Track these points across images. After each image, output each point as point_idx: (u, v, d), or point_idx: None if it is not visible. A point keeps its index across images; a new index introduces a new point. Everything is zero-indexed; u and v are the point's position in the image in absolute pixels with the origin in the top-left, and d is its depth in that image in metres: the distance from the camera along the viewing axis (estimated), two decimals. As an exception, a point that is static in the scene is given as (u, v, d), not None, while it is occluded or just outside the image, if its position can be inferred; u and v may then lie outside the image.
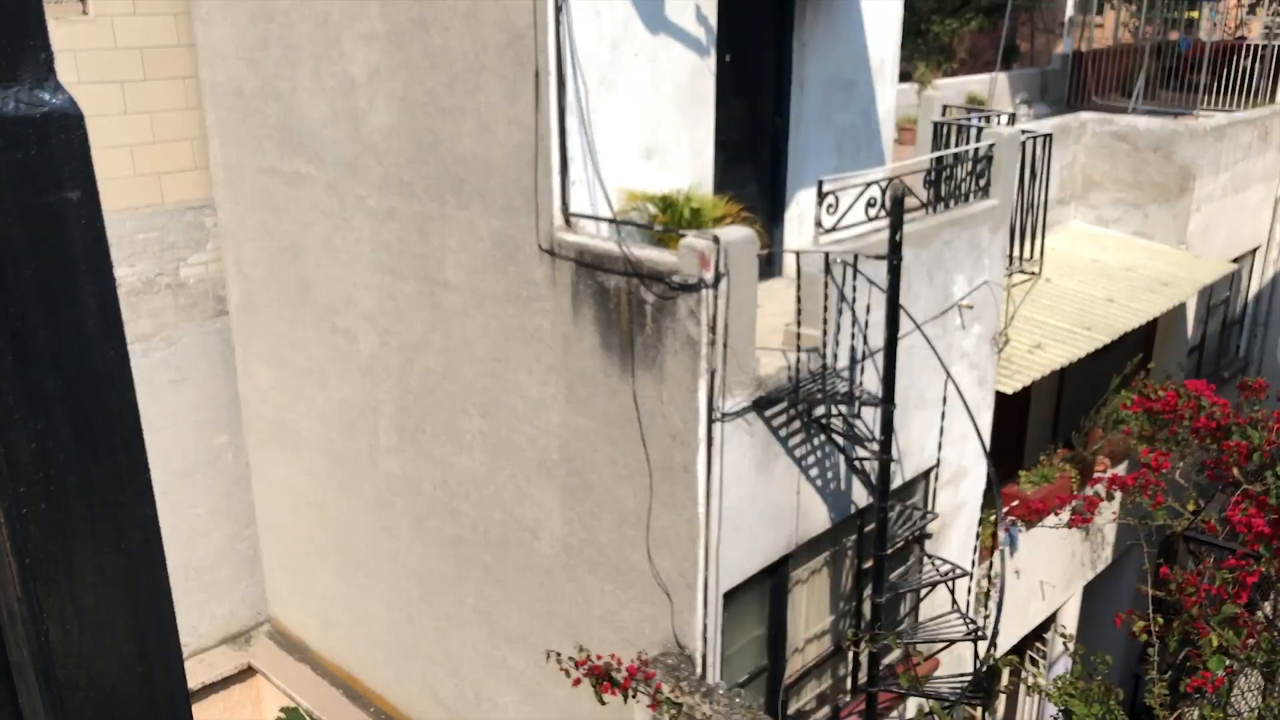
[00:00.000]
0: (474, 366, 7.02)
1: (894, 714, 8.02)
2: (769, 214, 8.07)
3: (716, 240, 5.61)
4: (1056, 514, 8.55)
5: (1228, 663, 5.35)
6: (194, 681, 8.93)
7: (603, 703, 5.96)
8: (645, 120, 6.68)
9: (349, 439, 8.27)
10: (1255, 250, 13.77)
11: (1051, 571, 10.47)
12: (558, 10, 6.00)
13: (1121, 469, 10.68)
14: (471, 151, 6.60)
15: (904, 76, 16.48)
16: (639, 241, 6.24)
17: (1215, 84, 15.47)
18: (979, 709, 7.24)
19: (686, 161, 7.04)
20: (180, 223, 8.62)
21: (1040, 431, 11.81)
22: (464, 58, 6.47)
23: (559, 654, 6.16)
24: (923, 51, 21.33)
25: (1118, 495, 7.73)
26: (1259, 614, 5.91)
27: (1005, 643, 10.09)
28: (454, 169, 6.74)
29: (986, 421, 8.59)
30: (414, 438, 7.67)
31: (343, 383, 8.13)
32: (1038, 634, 11.31)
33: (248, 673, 9.40)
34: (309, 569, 9.23)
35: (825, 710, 7.69)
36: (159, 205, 8.46)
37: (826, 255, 6.17)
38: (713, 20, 6.97)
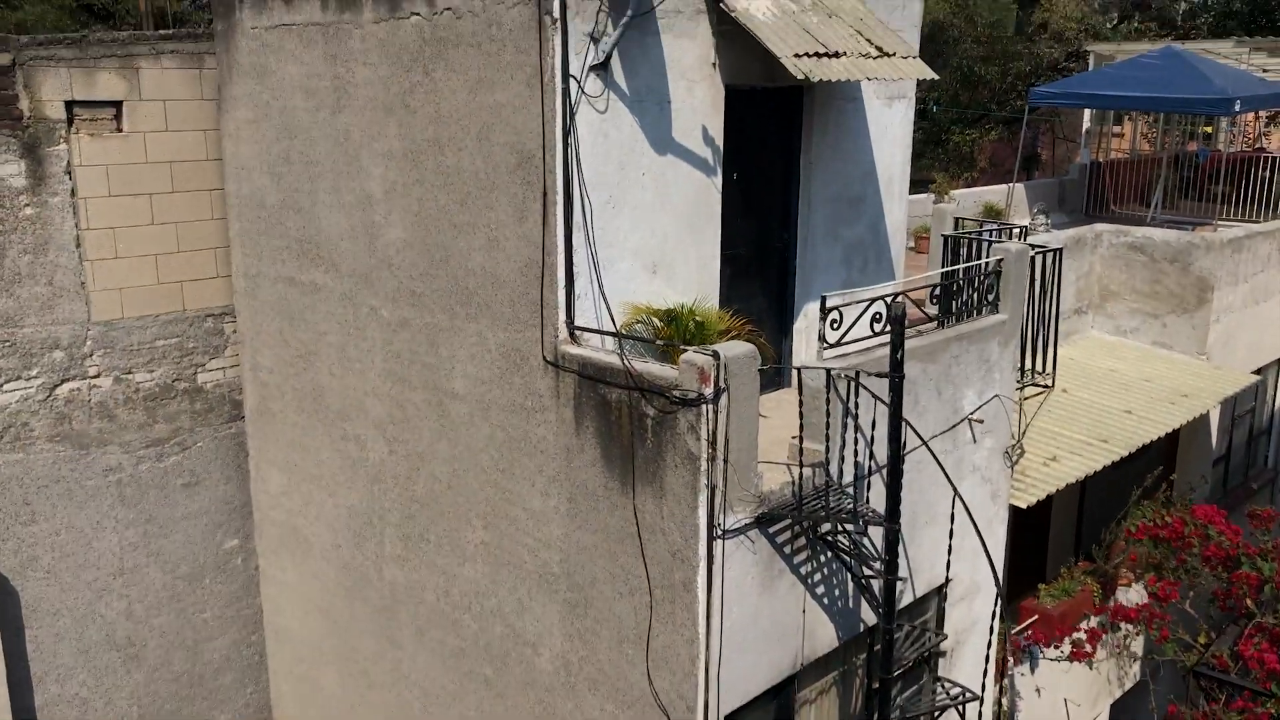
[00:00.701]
0: (478, 476, 7.04)
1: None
2: (777, 326, 8.12)
3: (717, 356, 5.65)
4: (1058, 646, 8.31)
5: (1242, 804, 5.13)
6: (192, 792, 8.79)
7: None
8: (651, 236, 6.80)
9: (356, 546, 8.27)
10: (1279, 361, 13.63)
11: (1076, 689, 10.15)
12: (566, 133, 6.18)
13: (1144, 584, 10.43)
14: (481, 266, 6.73)
15: (924, 184, 16.74)
16: (643, 355, 6.29)
17: (1234, 195, 15.52)
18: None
19: (693, 275, 7.13)
20: (200, 329, 8.81)
21: (1062, 543, 11.58)
22: (476, 177, 6.66)
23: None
24: (943, 160, 21.66)
25: (1125, 626, 7.52)
26: (1270, 754, 5.69)
27: (1028, 766, 9.75)
28: (464, 282, 6.88)
29: (1001, 536, 8.46)
30: (419, 547, 7.66)
31: (351, 490, 8.17)
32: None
33: (248, 784, 9.24)
34: (314, 676, 9.13)
35: (835, 838, 7.42)
36: (180, 312, 8.66)
37: (829, 371, 6.18)
38: (719, 140, 7.14)
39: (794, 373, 7.63)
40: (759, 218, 7.83)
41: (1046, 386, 9.59)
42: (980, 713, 7.61)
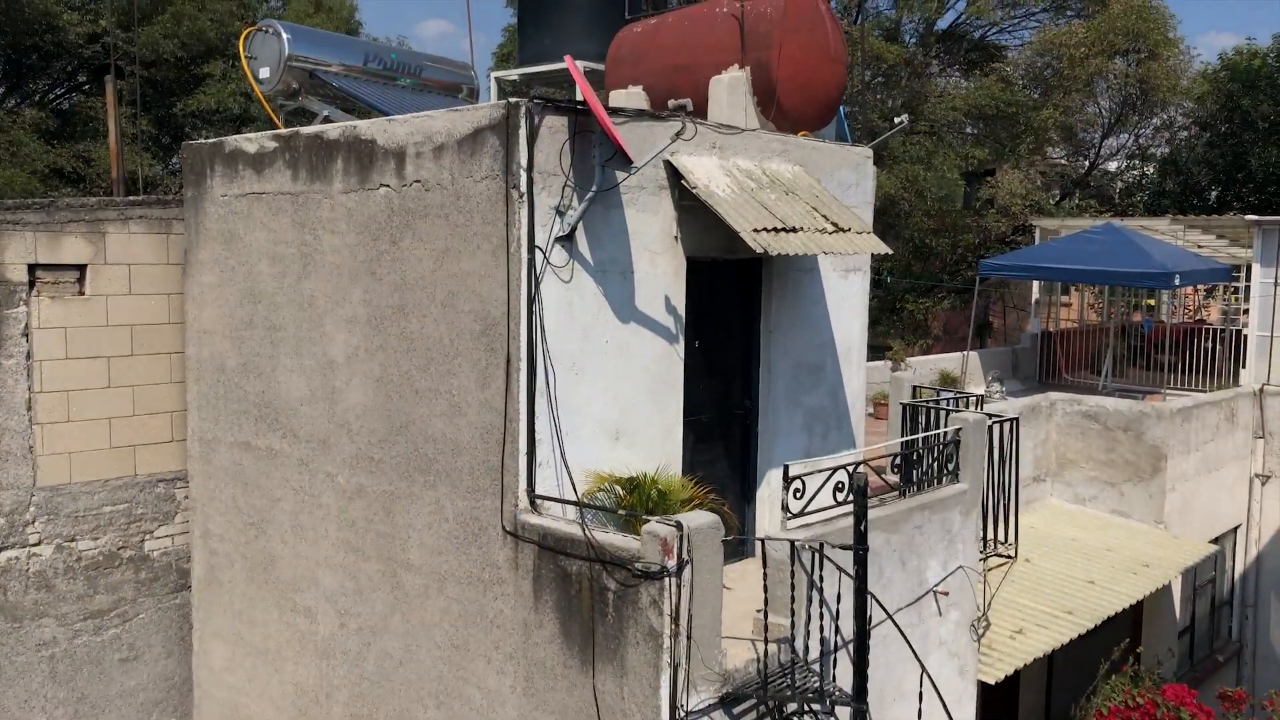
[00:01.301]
0: (432, 652, 6.77)
1: None
2: (739, 493, 8.07)
3: (680, 526, 5.56)
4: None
5: None
6: None
7: None
8: (614, 403, 6.80)
9: (300, 726, 7.85)
10: (1236, 529, 13.73)
11: None
12: (530, 301, 6.25)
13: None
14: (442, 432, 6.67)
15: (880, 351, 17.07)
16: (605, 525, 6.19)
17: (1180, 364, 15.98)
18: None
19: (656, 442, 7.11)
20: (151, 495, 8.58)
21: (1032, 717, 11.29)
22: (440, 343, 6.68)
23: None
24: (898, 328, 22.19)
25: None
26: None
27: None
28: (424, 448, 6.79)
29: (971, 712, 8.23)
30: (367, 727, 7.28)
31: (298, 665, 7.81)
32: None
33: None
34: None
35: None
36: (131, 477, 8.45)
37: (793, 543, 6.10)
38: (681, 309, 7.25)
39: (757, 542, 7.54)
40: (721, 384, 7.89)
41: (1009, 556, 9.53)
42: None
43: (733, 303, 7.91)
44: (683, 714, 5.58)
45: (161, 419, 8.63)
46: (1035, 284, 17.63)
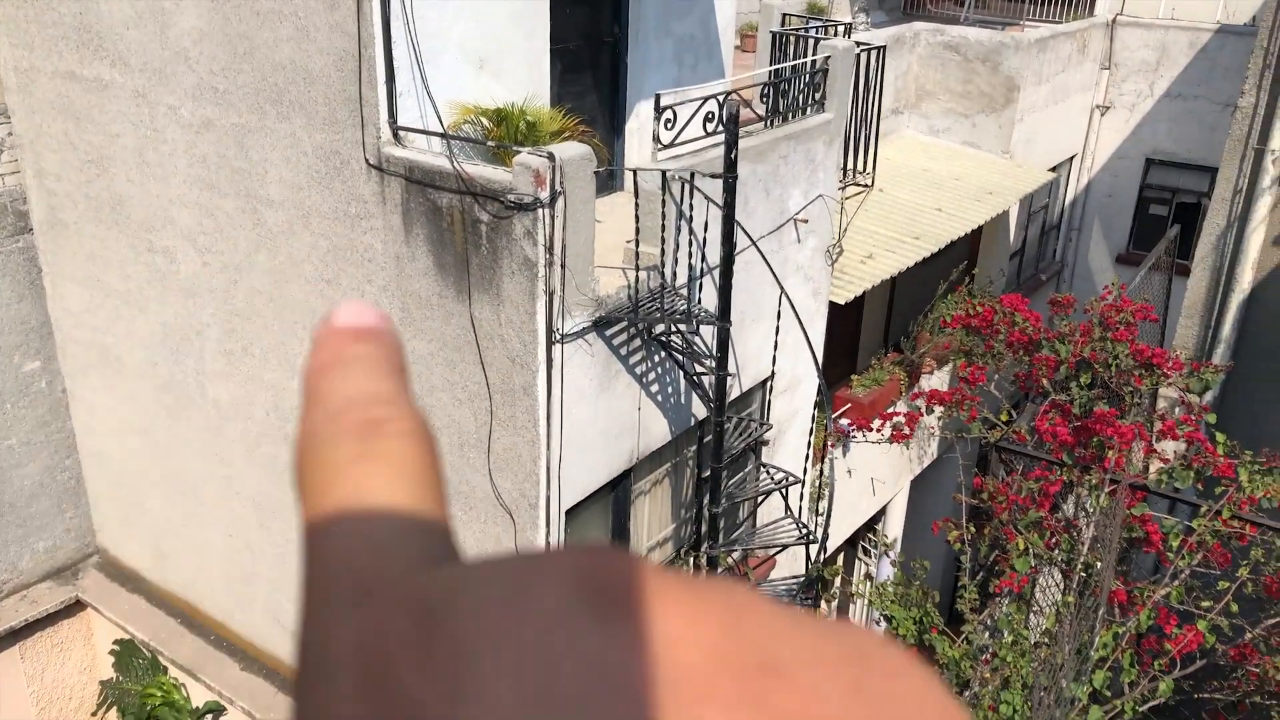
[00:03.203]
0: (302, 288, 6.75)
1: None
2: (609, 126, 7.95)
3: (552, 157, 5.49)
4: (879, 430, 8.93)
5: (1032, 563, 5.78)
6: (16, 619, 8.52)
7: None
8: (477, 28, 6.42)
9: (173, 364, 7.88)
10: (1072, 159, 14.49)
11: (881, 469, 11.02)
12: (379, -91, 5.65)
13: (946, 371, 11.25)
14: (290, 60, 6.22)
15: (747, -21, 16.38)
16: (473, 158, 6.06)
17: (1040, -6, 15.95)
18: (811, 608, 7.62)
19: (522, 72, 6.83)
20: (-32, 131, 7.87)
21: (873, 337, 12.27)
22: (279, -42, 6.05)
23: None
24: (765, -47, 21.19)
25: (938, 408, 8.15)
26: (1059, 517, 6.39)
27: (839, 537, 10.64)
28: (272, 78, 6.35)
29: (821, 331, 8.86)
30: (242, 361, 7.37)
31: (163, 305, 7.70)
32: (870, 526, 11.96)
33: (76, 607, 9.02)
34: (138, 498, 8.85)
35: (668, 614, 7.95)
36: (-59, 112, 7.69)
37: (664, 173, 6.14)
38: (546, -77, 6.70)
39: (628, 175, 7.56)
40: (589, 9, 7.51)
41: (866, 186, 9.88)
42: (801, 494, 8.16)
43: (600, -83, 7.35)
44: (558, 337, 5.83)
45: (-34, 46, 7.74)
46: (908, -94, 16.88)
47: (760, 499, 8.30)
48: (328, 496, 0.30)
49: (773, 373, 8.06)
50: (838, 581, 13.27)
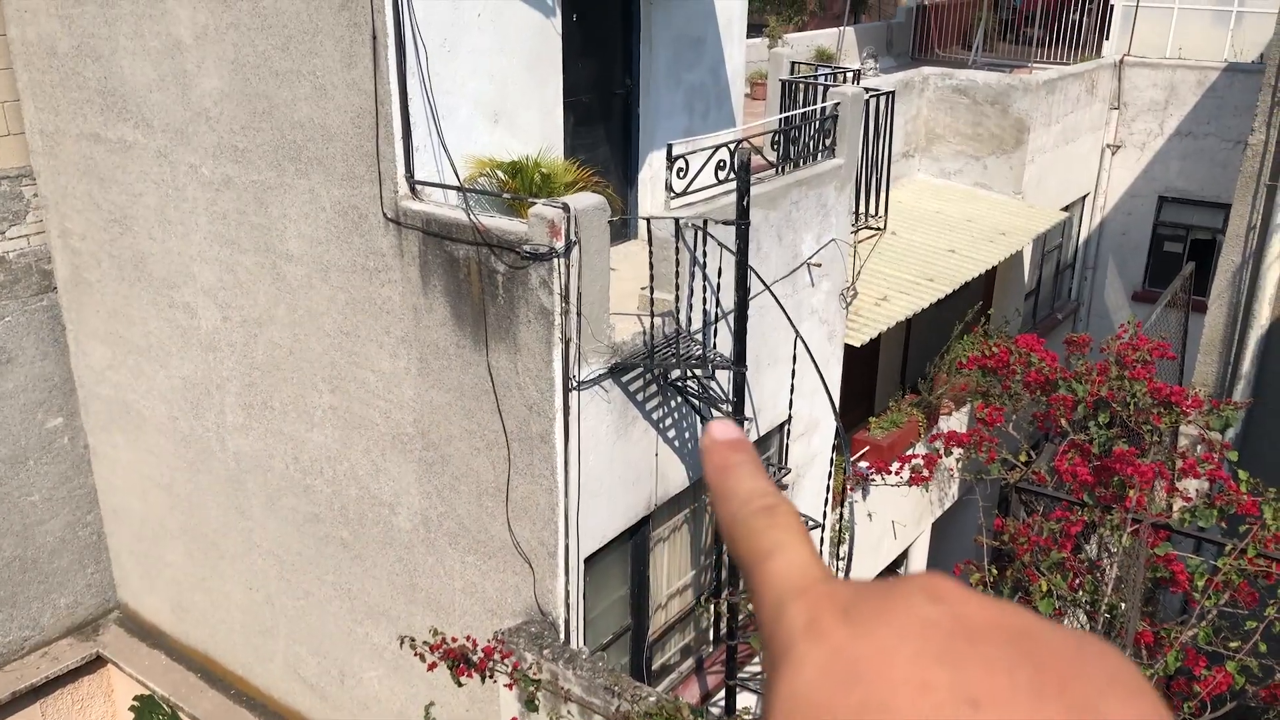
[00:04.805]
0: (322, 341, 6.82)
1: (756, 659, 8.29)
2: (622, 176, 8.05)
3: (567, 208, 5.57)
4: (898, 473, 8.90)
5: (1056, 605, 5.71)
6: (37, 676, 8.53)
7: (460, 684, 5.95)
8: (491, 83, 6.54)
9: (194, 418, 7.95)
10: (1084, 198, 14.53)
11: (902, 512, 10.95)
12: (394, -29, 5.79)
13: (964, 412, 11.21)
14: (309, 117, 6.35)
15: (756, 30, 16.63)
16: (488, 210, 6.14)
17: (1047, 38, 16.12)
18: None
19: (536, 125, 6.94)
20: (-5, 193, 8.04)
21: (890, 378, 12.26)
22: (297, 18, 6.20)
23: (413, 639, 6.12)
24: (774, 5, 21.51)
25: (956, 450, 8.13)
26: (1082, 557, 6.33)
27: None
28: (291, 135, 6.48)
29: (837, 374, 8.87)
30: (262, 415, 7.43)
31: (184, 360, 7.79)
32: (892, 569, 11.85)
33: (97, 663, 9.02)
34: (159, 552, 8.89)
35: (689, 662, 7.89)
36: (-31, 175, 7.86)
37: (677, 221, 6.20)
38: (557, -20, 6.85)
39: (641, 224, 7.64)
40: (601, 61, 7.64)
41: (878, 229, 9.93)
42: (821, 538, 8.12)
43: (610, -28, 7.49)
44: (575, 384, 5.86)
45: (-7, 111, 7.93)
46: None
47: (780, 544, 8.24)
48: (760, 549, 0.52)
49: (790, 416, 8.06)
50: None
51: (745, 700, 7.81)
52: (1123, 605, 5.41)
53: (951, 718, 0.40)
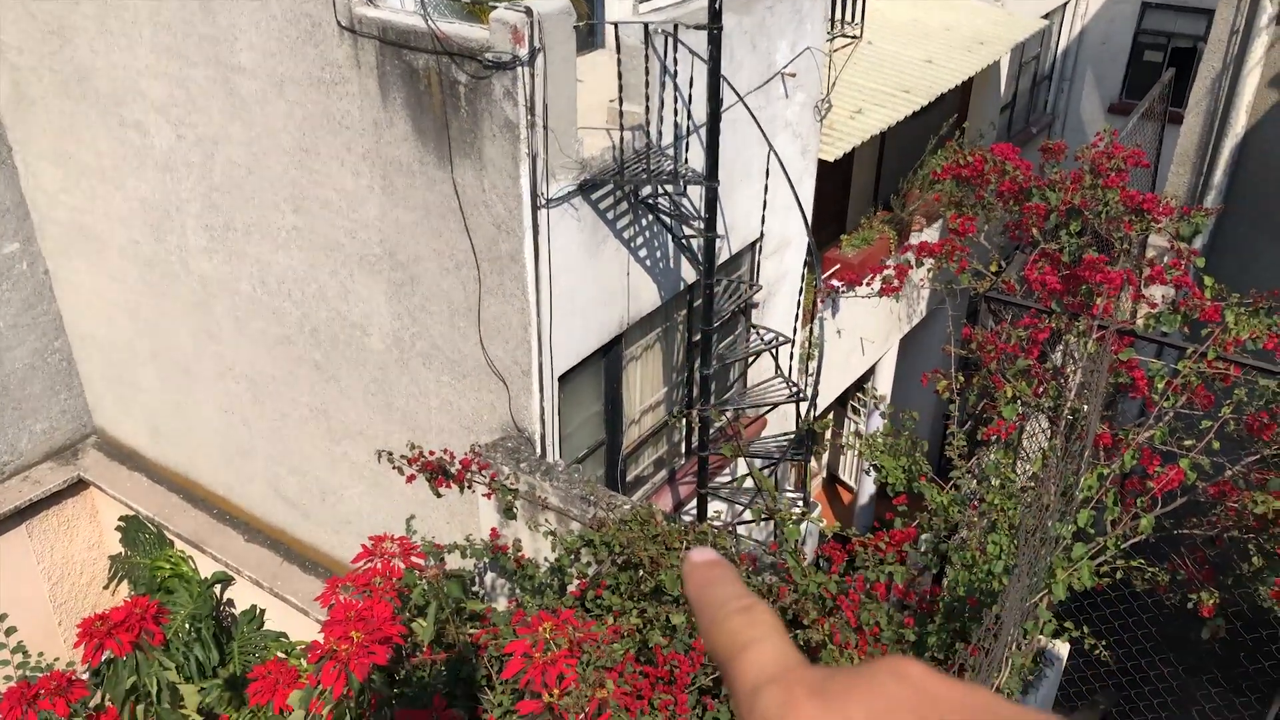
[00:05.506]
0: (281, 159, 6.61)
1: (726, 471, 8.54)
2: (587, -19, 7.66)
3: (530, 12, 5.31)
4: (869, 284, 8.94)
5: (1020, 410, 5.86)
6: (20, 498, 8.65)
7: (439, 495, 6.08)
8: (446, -122, 6.12)
9: (155, 241, 7.79)
10: (1065, 5, 14.09)
11: (870, 328, 11.08)
12: None
13: (936, 228, 11.19)
14: (252, -84, 5.93)
15: None
16: (448, 16, 5.85)
17: None
18: (802, 463, 7.77)
19: (495, -76, 6.53)
20: (-79, 4, 7.56)
21: (862, 196, 12.15)
22: None
23: (390, 453, 6.21)
24: None
25: (928, 261, 8.13)
26: (1047, 365, 6.44)
27: (829, 395, 10.77)
28: (235, -63, 6.07)
29: (810, 190, 8.76)
30: (225, 237, 7.28)
31: (140, 181, 7.56)
32: (860, 384, 12.10)
33: (79, 485, 9.15)
34: (131, 377, 8.88)
35: (662, 474, 8.11)
36: (-109, -16, 7.37)
37: (646, 26, 5.95)
38: None
39: (608, 31, 7.34)
40: None
41: (854, 37, 9.62)
42: (791, 354, 8.22)
43: None
44: (543, 201, 5.75)
45: (-91, -88, 7.36)
46: None
47: (750, 360, 8.37)
48: (737, 644, 0.57)
49: (762, 234, 8.00)
50: (828, 436, 13.51)
51: (716, 508, 8.09)
52: (1084, 409, 5.55)
53: None
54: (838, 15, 9.12)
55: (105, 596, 9.29)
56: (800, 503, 7.95)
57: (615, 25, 6.10)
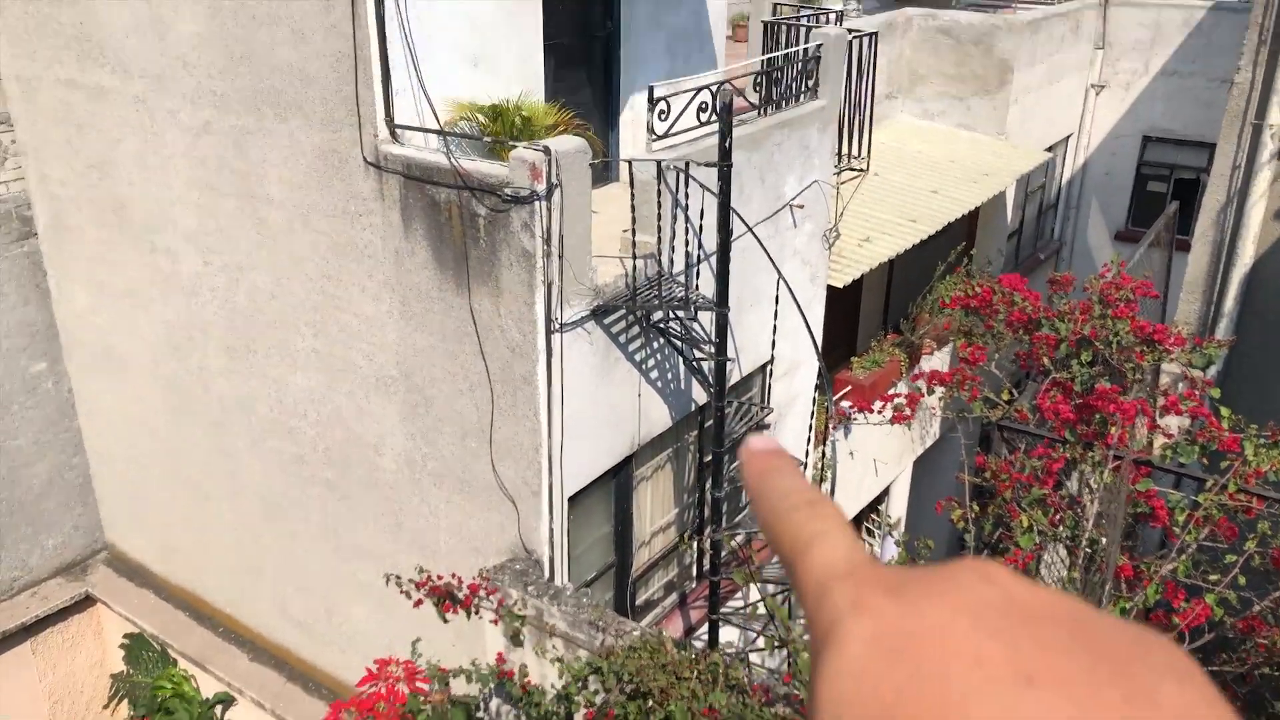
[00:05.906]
0: (304, 285, 6.84)
1: (738, 595, 8.47)
2: (603, 119, 8.02)
3: (547, 151, 5.57)
4: (880, 411, 9.00)
5: (1036, 540, 5.83)
6: (28, 614, 8.65)
7: (445, 621, 6.08)
8: (470, 26, 6.50)
9: (177, 361, 7.99)
10: (1068, 138, 14.52)
11: (883, 450, 11.10)
12: (370, -91, 5.72)
13: (946, 351, 11.31)
14: (288, 62, 6.30)
15: (740, -33, 16.40)
16: (469, 154, 6.13)
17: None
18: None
19: (515, 68, 6.90)
20: (-29, 138, 7.97)
21: (872, 319, 12.33)
22: (272, -41, 6.12)
23: (399, 577, 6.23)
24: (759, -61, 21.18)
25: (939, 389, 8.23)
26: (1063, 494, 6.44)
27: (842, 521, 10.70)
28: (270, 80, 6.44)
29: (819, 315, 8.94)
30: (245, 358, 7.47)
31: (166, 305, 7.81)
32: (874, 506, 12.04)
33: (86, 602, 9.15)
34: (145, 493, 8.97)
35: (672, 598, 8.06)
36: (-56, 119, 7.78)
37: (659, 163, 6.21)
38: (536, -82, 6.76)
39: (623, 166, 7.63)
40: (581, 4, 7.57)
41: (861, 170, 9.93)
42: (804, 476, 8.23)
43: (590, -91, 7.40)
44: (557, 326, 5.91)
45: (-34, 53, 7.83)
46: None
47: (762, 483, 8.37)
48: (802, 539, 0.52)
49: (772, 357, 8.14)
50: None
51: (728, 635, 8.00)
52: (1103, 540, 5.53)
53: (1007, 693, 0.40)
54: (845, 149, 9.45)
55: (105, 717, 9.17)
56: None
57: (629, 162, 6.37)
